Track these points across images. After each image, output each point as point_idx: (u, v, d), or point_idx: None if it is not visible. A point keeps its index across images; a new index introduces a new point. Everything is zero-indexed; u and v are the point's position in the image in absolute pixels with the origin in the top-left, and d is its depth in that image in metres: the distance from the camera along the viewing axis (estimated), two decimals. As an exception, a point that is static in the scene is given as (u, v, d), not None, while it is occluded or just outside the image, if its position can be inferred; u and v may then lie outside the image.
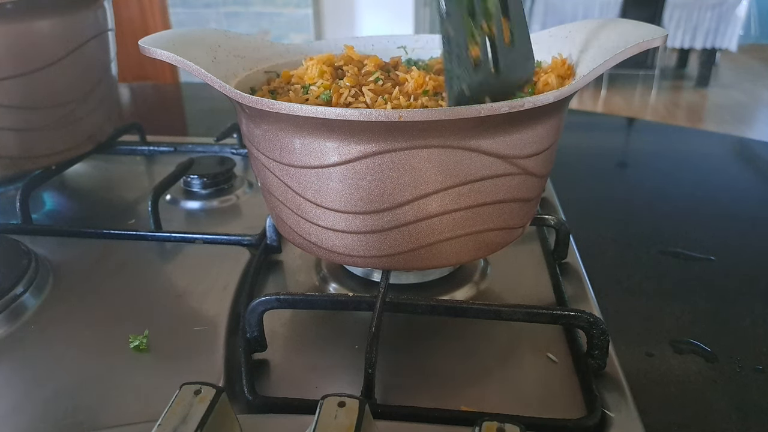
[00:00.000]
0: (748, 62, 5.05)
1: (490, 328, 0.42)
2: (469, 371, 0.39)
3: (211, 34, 0.45)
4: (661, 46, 0.39)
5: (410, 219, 0.38)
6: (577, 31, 0.45)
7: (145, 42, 0.40)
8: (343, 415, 0.26)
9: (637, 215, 0.64)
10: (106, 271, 0.49)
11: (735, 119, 3.74)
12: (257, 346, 0.40)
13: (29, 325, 0.42)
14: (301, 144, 0.37)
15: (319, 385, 0.38)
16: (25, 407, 0.35)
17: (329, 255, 0.42)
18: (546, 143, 0.39)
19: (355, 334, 0.42)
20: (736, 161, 0.83)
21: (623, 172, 0.79)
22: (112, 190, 0.69)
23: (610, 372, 0.38)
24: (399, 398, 0.36)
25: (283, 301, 0.39)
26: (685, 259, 0.55)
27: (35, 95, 0.58)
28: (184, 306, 0.45)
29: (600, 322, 0.37)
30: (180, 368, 0.38)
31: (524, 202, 0.41)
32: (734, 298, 0.49)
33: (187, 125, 1.01)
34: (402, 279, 0.47)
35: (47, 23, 0.57)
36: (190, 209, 0.62)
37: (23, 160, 0.59)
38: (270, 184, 0.41)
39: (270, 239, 0.52)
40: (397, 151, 0.35)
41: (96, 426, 0.34)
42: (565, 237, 0.50)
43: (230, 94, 0.37)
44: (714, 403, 0.38)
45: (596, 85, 4.29)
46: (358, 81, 0.40)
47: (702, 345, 0.43)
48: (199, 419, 0.26)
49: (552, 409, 0.36)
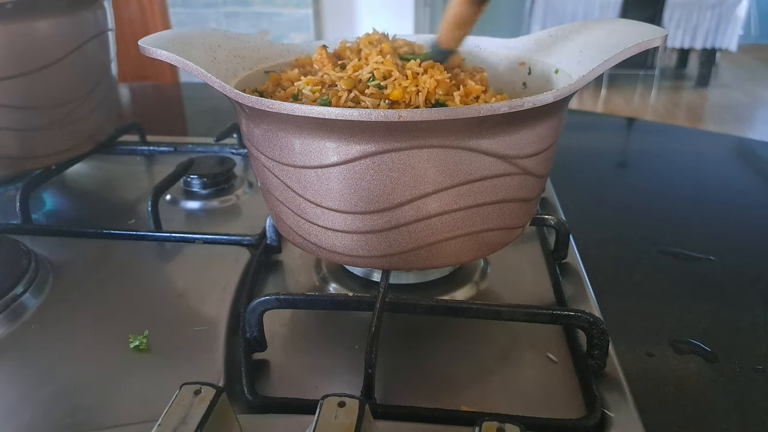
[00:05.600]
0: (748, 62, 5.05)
1: (490, 328, 0.42)
2: (469, 371, 0.39)
3: (211, 34, 0.45)
4: (661, 46, 0.39)
5: (410, 219, 0.38)
6: (577, 31, 0.45)
7: (145, 42, 0.40)
8: (343, 415, 0.26)
9: (637, 215, 0.64)
10: (106, 271, 0.49)
11: (735, 119, 3.74)
12: (257, 346, 0.40)
13: (29, 325, 0.42)
14: (301, 144, 0.37)
15: (319, 385, 0.38)
16: (25, 407, 0.35)
17: (329, 255, 0.42)
18: (546, 143, 0.39)
19: (355, 334, 0.42)
20: (736, 161, 0.83)
21: (623, 172, 0.79)
22: (112, 190, 0.69)
23: (610, 372, 0.38)
24: (399, 398, 0.36)
25: (283, 301, 0.39)
26: (685, 259, 0.55)
27: (35, 95, 0.58)
28: (184, 306, 0.45)
29: (600, 322, 0.37)
30: (180, 368, 0.38)
31: (524, 202, 0.41)
32: (734, 298, 0.49)
33: (187, 125, 1.01)
34: (402, 279, 0.47)
35: (47, 23, 0.57)
36: (190, 209, 0.62)
37: (23, 160, 0.59)
38: (270, 184, 0.41)
39: (270, 239, 0.52)
40: (396, 151, 0.35)
41: (96, 426, 0.34)
42: (565, 237, 0.50)
43: (230, 94, 0.37)
44: (714, 403, 0.38)
45: (596, 85, 4.29)
46: (355, 84, 0.40)
47: (702, 345, 0.43)
48: (199, 419, 0.26)
49: (552, 409, 0.36)
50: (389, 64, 0.39)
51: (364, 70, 0.40)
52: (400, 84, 0.38)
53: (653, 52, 3.96)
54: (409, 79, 0.38)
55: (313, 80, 0.41)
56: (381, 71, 0.39)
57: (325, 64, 0.44)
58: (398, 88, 0.38)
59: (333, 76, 0.41)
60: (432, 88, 0.38)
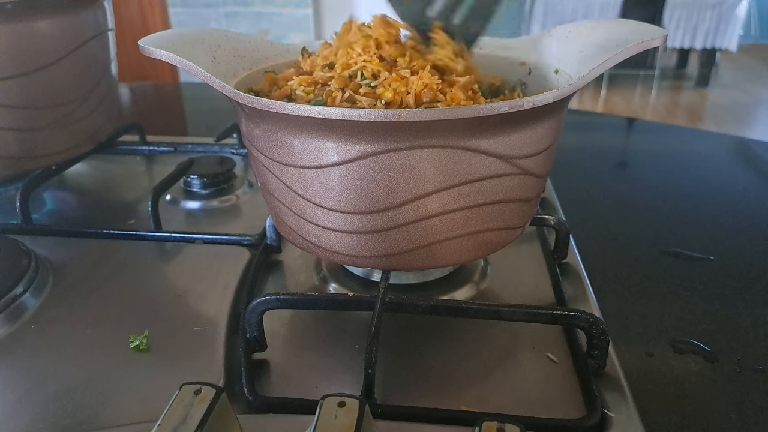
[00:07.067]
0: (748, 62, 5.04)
1: (490, 328, 0.42)
2: (469, 371, 0.39)
3: (211, 34, 0.45)
4: (661, 46, 0.39)
5: (410, 219, 0.38)
6: (576, 31, 0.45)
7: (145, 42, 0.40)
8: (343, 415, 0.26)
9: (637, 215, 0.64)
10: (106, 271, 0.49)
11: (735, 119, 3.74)
12: (257, 346, 0.40)
13: (29, 325, 0.43)
14: (301, 144, 0.37)
15: (319, 385, 0.38)
16: (25, 407, 0.35)
17: (329, 255, 0.42)
18: (545, 143, 0.39)
19: (355, 334, 0.42)
20: (736, 161, 0.83)
21: (623, 172, 0.79)
22: (112, 190, 0.69)
23: (610, 372, 0.38)
24: (399, 398, 0.36)
25: (283, 301, 0.39)
26: (685, 259, 0.55)
27: (35, 95, 0.58)
28: (184, 306, 0.45)
29: (600, 322, 0.37)
30: (180, 368, 0.38)
31: (524, 202, 0.41)
32: (734, 298, 0.49)
33: (187, 125, 1.01)
34: (402, 279, 0.47)
35: (47, 23, 0.57)
36: (190, 209, 0.62)
37: (23, 160, 0.59)
38: (270, 184, 0.41)
39: (270, 239, 0.52)
40: (396, 151, 0.35)
41: (96, 426, 0.34)
42: (565, 237, 0.50)
43: (230, 94, 0.37)
44: (714, 403, 0.38)
45: (596, 85, 4.29)
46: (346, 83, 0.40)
47: (702, 345, 0.43)
48: (199, 419, 0.26)
49: (552, 409, 0.36)
50: (377, 63, 0.39)
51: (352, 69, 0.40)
52: (390, 85, 0.38)
53: (653, 52, 3.96)
54: (398, 80, 0.38)
55: (306, 80, 0.41)
56: (369, 70, 0.39)
57: (311, 65, 0.44)
58: (389, 89, 0.38)
59: (324, 75, 0.41)
60: (418, 91, 0.38)
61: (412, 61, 0.40)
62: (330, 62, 0.42)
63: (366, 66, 0.39)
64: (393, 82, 0.38)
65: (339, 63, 0.41)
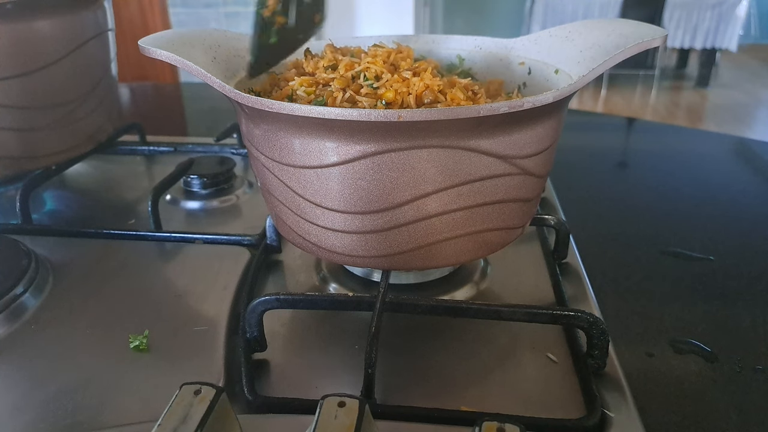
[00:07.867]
0: (748, 62, 5.05)
1: (490, 328, 0.42)
2: (469, 371, 0.39)
3: (211, 34, 0.45)
4: (661, 46, 0.39)
5: (410, 219, 0.38)
6: (576, 31, 0.45)
7: (145, 42, 0.40)
8: (343, 415, 0.26)
9: (637, 215, 0.64)
10: (106, 271, 0.49)
11: (735, 119, 3.74)
12: (257, 346, 0.40)
13: (29, 325, 0.43)
14: (301, 144, 0.37)
15: (319, 385, 0.38)
16: (25, 407, 0.35)
17: (329, 255, 0.42)
18: (545, 143, 0.39)
19: (355, 334, 0.42)
20: (736, 161, 0.83)
21: (623, 172, 0.79)
22: (112, 190, 0.69)
23: (610, 372, 0.38)
24: (399, 398, 0.36)
25: (283, 301, 0.39)
26: (685, 259, 0.55)
27: (35, 95, 0.58)
28: (184, 306, 0.45)
29: (600, 322, 0.37)
30: (180, 368, 0.38)
31: (524, 202, 0.41)
32: (734, 298, 0.49)
33: (187, 125, 1.01)
34: (402, 279, 0.47)
35: (47, 23, 0.57)
36: (190, 209, 0.62)
37: (23, 160, 0.59)
38: (270, 184, 0.41)
39: (270, 239, 0.52)
40: (396, 151, 0.35)
41: (96, 426, 0.34)
42: (565, 237, 0.50)
43: (230, 94, 0.37)
44: (714, 403, 0.38)
45: (596, 85, 4.29)
46: (348, 83, 0.40)
47: (702, 345, 0.43)
48: (199, 419, 0.26)
49: (552, 409, 0.36)
50: (380, 65, 0.40)
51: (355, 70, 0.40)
52: (392, 86, 0.38)
53: (653, 52, 3.97)
54: (399, 81, 0.39)
55: (307, 80, 0.41)
56: (373, 71, 0.39)
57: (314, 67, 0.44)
58: (390, 90, 0.38)
59: (326, 76, 0.41)
60: (420, 91, 0.38)
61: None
62: (333, 63, 0.42)
63: (370, 67, 0.39)
64: (395, 83, 0.38)
65: (342, 64, 0.41)
